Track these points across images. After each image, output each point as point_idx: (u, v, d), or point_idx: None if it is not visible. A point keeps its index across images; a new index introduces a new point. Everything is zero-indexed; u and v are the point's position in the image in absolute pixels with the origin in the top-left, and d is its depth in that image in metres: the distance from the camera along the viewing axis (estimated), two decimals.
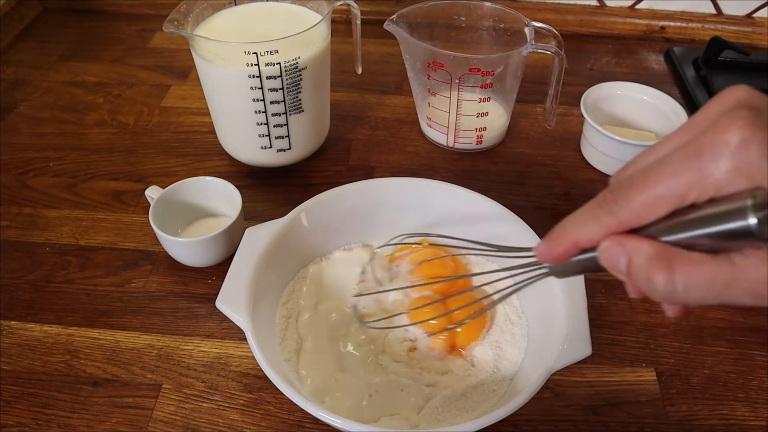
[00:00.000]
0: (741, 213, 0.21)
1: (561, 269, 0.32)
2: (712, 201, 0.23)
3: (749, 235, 0.21)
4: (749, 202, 0.21)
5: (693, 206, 0.24)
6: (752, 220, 0.21)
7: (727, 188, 0.22)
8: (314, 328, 0.50)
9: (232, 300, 0.45)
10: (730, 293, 0.23)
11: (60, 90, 0.81)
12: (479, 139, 0.71)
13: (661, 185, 0.24)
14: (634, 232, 0.26)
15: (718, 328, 0.55)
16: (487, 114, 0.68)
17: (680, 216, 0.24)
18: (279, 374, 0.41)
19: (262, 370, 0.41)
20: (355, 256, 0.54)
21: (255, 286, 0.46)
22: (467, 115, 0.68)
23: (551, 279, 0.46)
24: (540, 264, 0.34)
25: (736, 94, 0.24)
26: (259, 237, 0.49)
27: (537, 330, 0.48)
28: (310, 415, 0.48)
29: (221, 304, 0.45)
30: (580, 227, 0.28)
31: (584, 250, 0.29)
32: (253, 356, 0.51)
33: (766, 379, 0.51)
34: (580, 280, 0.46)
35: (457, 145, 0.72)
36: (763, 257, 0.22)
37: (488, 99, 0.67)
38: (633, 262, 0.25)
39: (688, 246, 0.24)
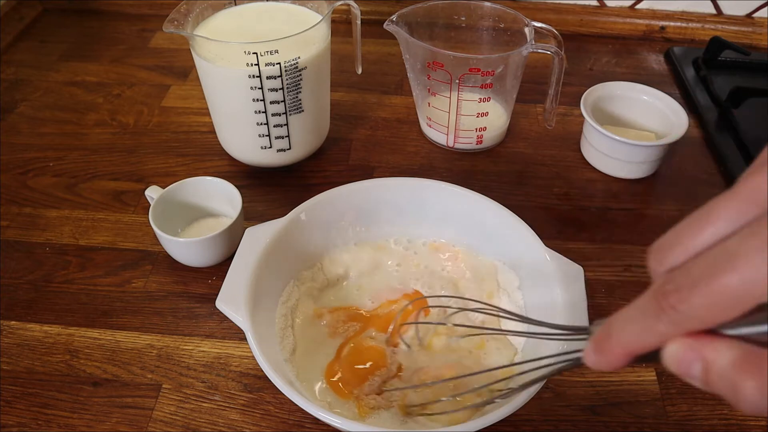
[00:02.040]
0: None
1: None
2: None
3: None
4: None
5: None
6: None
7: None
8: (313, 328, 0.50)
9: (232, 300, 0.45)
10: None
11: (60, 90, 0.81)
12: (479, 139, 0.71)
13: (734, 280, 0.19)
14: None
15: None
16: (487, 114, 0.68)
17: (761, 312, 0.20)
18: (279, 374, 0.41)
19: (262, 370, 0.41)
20: (355, 256, 0.54)
21: (255, 286, 0.46)
22: (467, 115, 0.68)
23: (551, 279, 0.46)
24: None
25: None
26: (259, 237, 0.49)
27: (538, 329, 0.48)
28: (310, 415, 0.48)
29: (221, 304, 0.45)
30: (634, 338, 0.23)
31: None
32: (253, 356, 0.52)
33: None
34: (580, 281, 0.46)
35: (457, 145, 0.72)
36: None
37: (488, 99, 0.67)
38: (712, 369, 0.21)
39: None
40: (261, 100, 0.60)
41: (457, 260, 0.55)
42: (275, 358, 0.45)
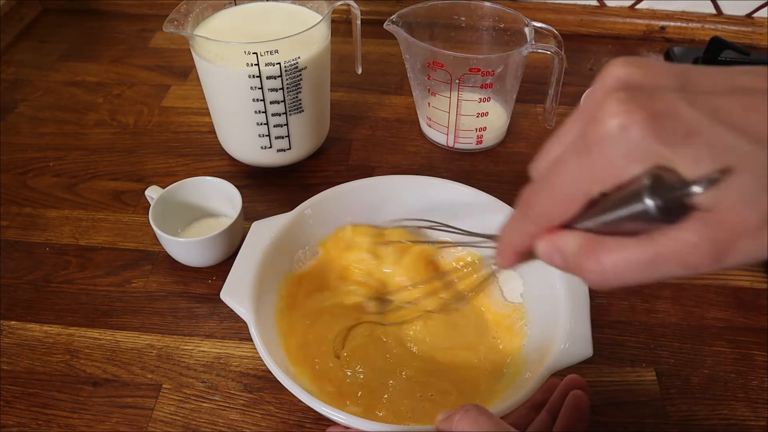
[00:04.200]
0: (638, 197, 0.22)
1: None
2: (618, 188, 0.23)
3: (652, 219, 0.22)
4: (645, 182, 0.21)
5: (604, 196, 0.24)
6: (649, 203, 0.21)
7: (625, 175, 0.22)
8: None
9: (237, 292, 0.45)
10: (662, 269, 0.23)
11: (60, 90, 0.81)
12: (479, 139, 0.71)
13: (563, 185, 0.24)
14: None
15: (718, 328, 0.55)
16: (487, 114, 0.68)
17: (595, 206, 0.24)
18: (281, 367, 0.41)
19: (262, 371, 0.41)
20: (356, 254, 0.55)
21: (260, 280, 0.46)
22: (467, 115, 0.68)
23: (552, 278, 0.46)
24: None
25: (614, 73, 0.24)
26: (265, 231, 0.49)
27: (539, 329, 0.48)
28: (310, 415, 0.48)
29: (225, 295, 0.45)
30: (512, 239, 0.28)
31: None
32: (253, 356, 0.52)
33: (766, 379, 0.51)
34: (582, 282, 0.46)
35: (457, 145, 0.72)
36: (681, 230, 0.22)
37: (488, 99, 0.67)
38: (565, 256, 0.25)
39: (612, 232, 0.24)
40: (261, 100, 0.60)
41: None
42: (277, 351, 0.45)
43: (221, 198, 0.60)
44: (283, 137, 0.64)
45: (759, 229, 0.21)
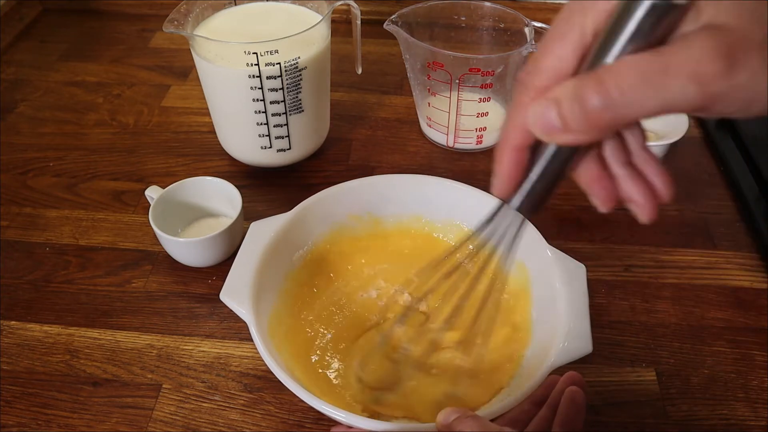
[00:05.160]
0: None
1: (524, 199, 0.30)
2: (610, 17, 0.22)
3: (659, 13, 0.21)
4: None
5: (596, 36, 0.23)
6: None
7: None
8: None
9: (236, 293, 0.45)
10: (672, 84, 0.21)
11: (60, 90, 0.81)
12: (479, 139, 0.71)
13: (557, 27, 0.24)
14: None
15: (718, 328, 0.55)
16: (487, 114, 0.68)
17: (591, 53, 0.23)
18: (281, 367, 0.41)
19: (262, 371, 0.41)
20: (358, 252, 0.55)
21: (259, 280, 0.46)
22: (467, 115, 0.68)
23: (553, 276, 0.46)
24: (507, 211, 0.32)
25: None
26: (264, 231, 0.49)
27: (539, 327, 0.48)
28: (311, 415, 0.48)
29: (225, 296, 0.45)
30: (509, 126, 0.27)
31: (530, 161, 0.28)
32: (253, 356, 0.52)
33: (766, 379, 0.51)
34: (581, 275, 0.46)
35: (457, 145, 0.72)
36: (692, 37, 0.21)
37: (488, 99, 0.67)
38: (562, 105, 0.23)
39: None
40: (261, 100, 0.60)
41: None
42: (278, 352, 0.45)
43: (221, 198, 0.60)
44: (283, 137, 0.64)
45: (763, 43, 0.20)
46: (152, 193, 0.59)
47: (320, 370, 0.47)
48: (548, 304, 0.46)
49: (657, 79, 0.21)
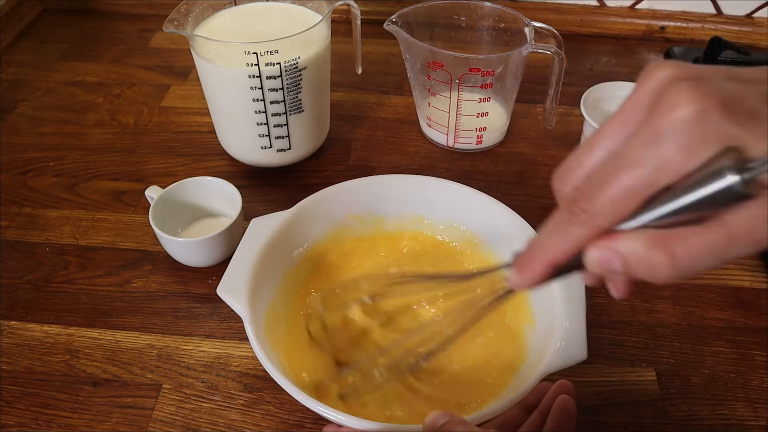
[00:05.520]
0: (721, 174, 0.22)
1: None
2: (683, 178, 0.23)
3: (732, 197, 0.22)
4: (726, 162, 0.22)
5: (665, 189, 0.24)
6: (733, 179, 0.21)
7: (696, 161, 0.22)
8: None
9: (233, 288, 0.45)
10: (733, 251, 0.23)
11: (60, 90, 0.81)
12: (479, 139, 0.71)
13: (628, 179, 0.23)
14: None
15: (718, 328, 0.55)
16: (487, 114, 0.68)
17: (654, 202, 0.24)
18: (275, 364, 0.40)
19: (262, 371, 0.41)
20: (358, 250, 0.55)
21: (257, 276, 0.46)
22: (467, 115, 0.68)
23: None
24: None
25: (664, 72, 0.24)
26: (263, 228, 0.49)
27: (535, 333, 0.48)
28: (310, 415, 0.48)
29: (222, 291, 0.45)
30: (553, 248, 0.27)
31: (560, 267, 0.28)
32: (253, 356, 0.52)
33: (766, 379, 0.51)
34: (579, 281, 0.46)
35: (457, 145, 0.72)
36: (753, 207, 0.22)
37: (488, 99, 0.67)
38: (629, 259, 0.24)
39: (667, 226, 0.24)
40: (261, 100, 0.60)
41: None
42: (273, 349, 0.45)
43: (221, 198, 0.60)
44: (283, 137, 0.64)
45: None
46: (152, 193, 0.59)
47: (316, 367, 0.47)
48: (545, 309, 0.46)
49: (722, 251, 0.23)
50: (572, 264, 0.27)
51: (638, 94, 0.25)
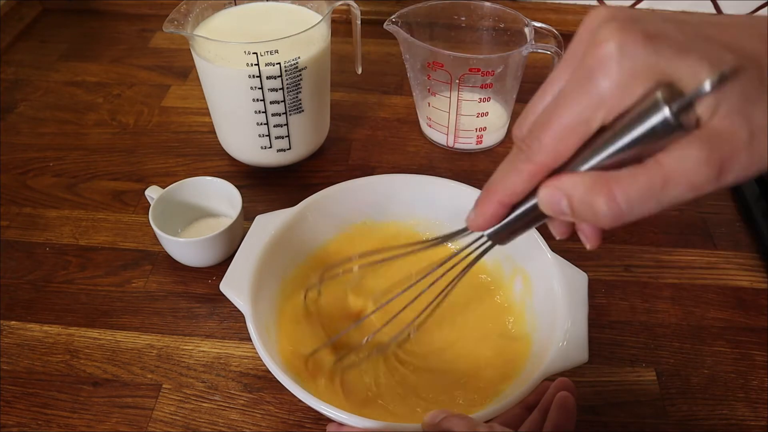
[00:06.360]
0: (654, 108, 0.22)
1: (500, 233, 0.32)
2: (620, 116, 0.23)
3: (667, 130, 0.22)
4: (658, 95, 0.22)
5: (603, 129, 0.24)
6: (666, 112, 0.22)
7: (629, 97, 0.23)
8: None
9: (236, 284, 0.45)
10: (671, 193, 0.23)
11: (60, 90, 0.81)
12: (479, 139, 0.71)
13: (566, 116, 0.25)
14: (557, 172, 0.26)
15: (718, 328, 0.55)
16: (487, 114, 0.68)
17: (595, 142, 0.24)
18: (276, 362, 0.40)
19: (262, 370, 0.41)
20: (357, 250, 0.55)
21: (260, 273, 0.46)
22: (467, 115, 0.68)
23: (553, 283, 0.46)
24: (479, 236, 0.34)
25: (599, 14, 0.25)
26: (268, 225, 0.49)
27: (537, 335, 0.48)
28: (311, 415, 0.48)
29: (225, 287, 0.45)
30: (502, 183, 0.28)
31: (513, 207, 0.29)
32: (253, 356, 0.52)
33: (766, 379, 0.51)
34: (582, 283, 0.46)
35: (457, 145, 0.72)
36: (686, 147, 0.22)
37: (488, 99, 0.67)
38: (573, 199, 0.25)
39: (616, 166, 0.24)
40: (261, 100, 0.60)
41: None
42: (274, 347, 0.45)
43: (221, 198, 0.60)
44: (283, 137, 0.64)
45: (749, 142, 0.22)
46: (152, 193, 0.60)
47: (316, 366, 0.47)
48: (547, 311, 0.46)
49: (659, 192, 0.23)
50: (533, 210, 0.28)
51: (578, 35, 0.26)
